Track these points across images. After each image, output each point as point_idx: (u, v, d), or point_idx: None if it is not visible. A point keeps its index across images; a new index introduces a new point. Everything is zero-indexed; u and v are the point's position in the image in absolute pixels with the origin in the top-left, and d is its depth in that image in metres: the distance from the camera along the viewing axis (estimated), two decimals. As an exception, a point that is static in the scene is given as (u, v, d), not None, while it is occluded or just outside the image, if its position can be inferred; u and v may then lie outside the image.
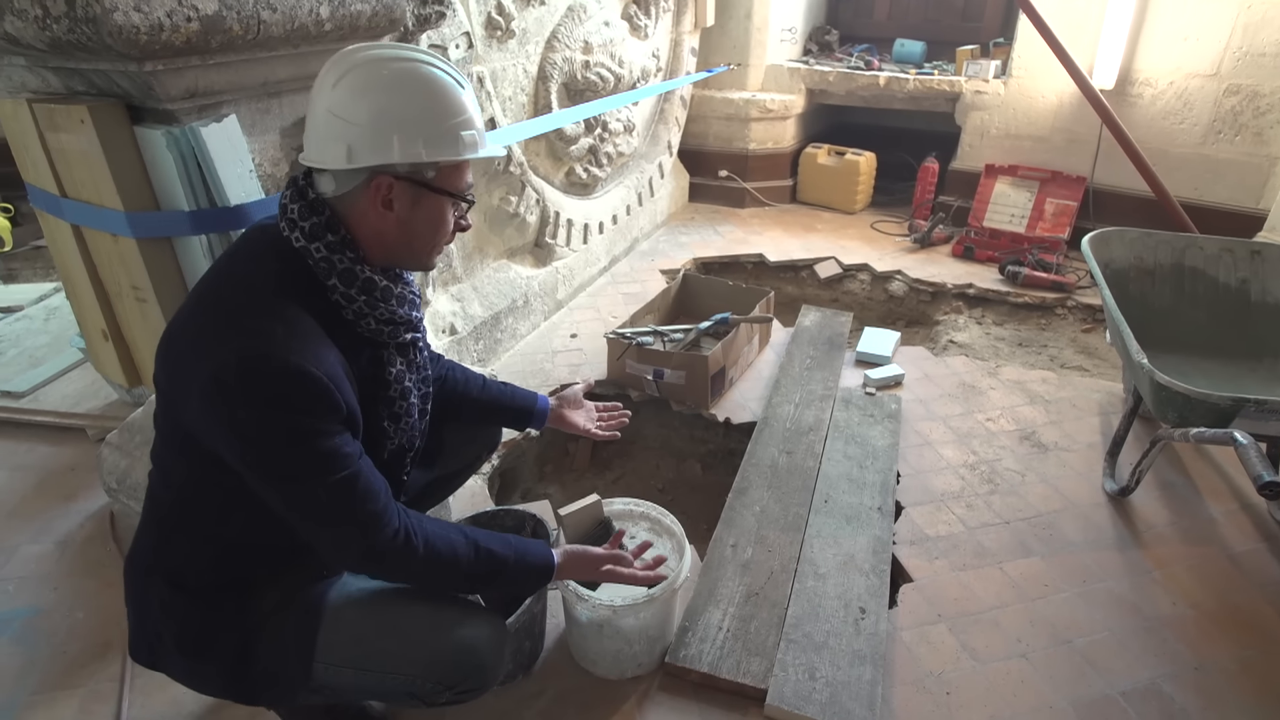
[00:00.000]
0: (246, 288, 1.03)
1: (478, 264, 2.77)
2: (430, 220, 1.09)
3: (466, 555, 1.13)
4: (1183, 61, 3.49)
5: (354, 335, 1.10)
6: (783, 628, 1.70)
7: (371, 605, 1.18)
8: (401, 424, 1.20)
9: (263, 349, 0.95)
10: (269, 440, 0.98)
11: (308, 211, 1.04)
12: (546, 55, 2.80)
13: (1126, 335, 2.02)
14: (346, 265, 1.05)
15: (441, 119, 1.04)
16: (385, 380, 1.15)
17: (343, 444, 1.02)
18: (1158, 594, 1.89)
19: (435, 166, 1.06)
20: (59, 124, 1.35)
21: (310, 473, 1.00)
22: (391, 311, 1.11)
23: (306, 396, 0.97)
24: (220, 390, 0.95)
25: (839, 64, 4.38)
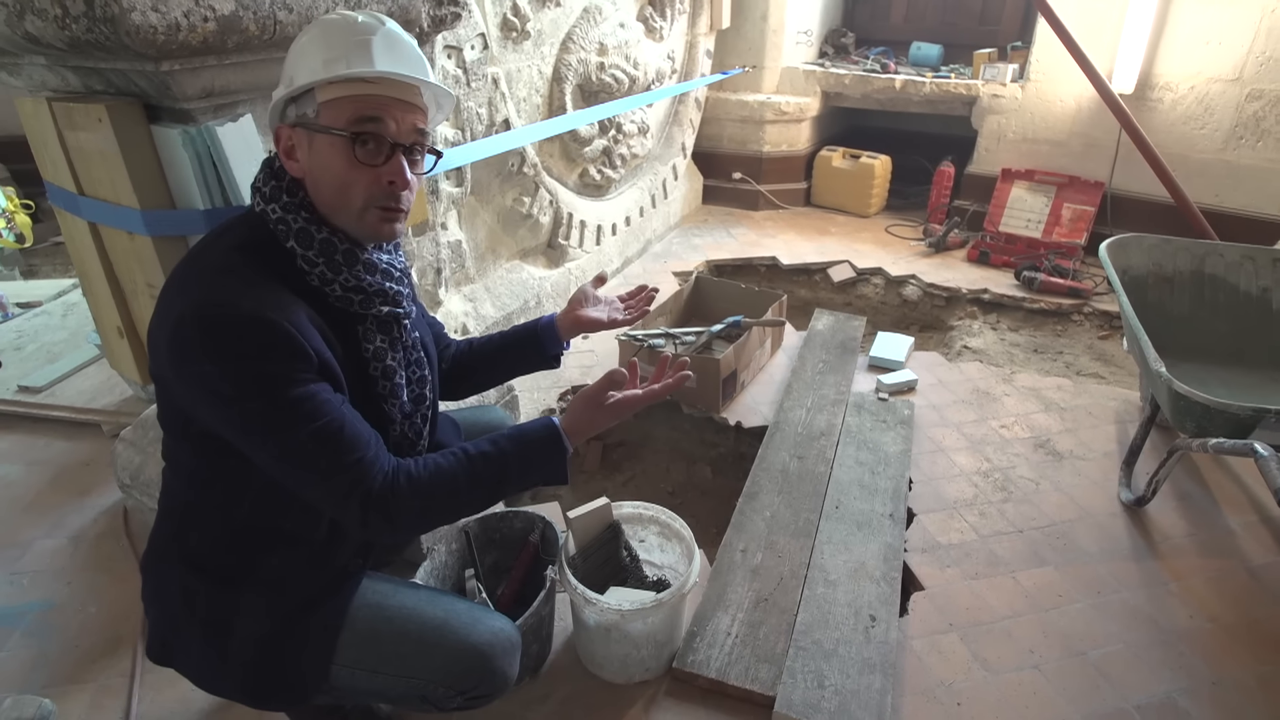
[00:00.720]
0: (210, 250, 1.03)
1: (490, 264, 2.77)
2: (330, 162, 1.00)
3: (463, 470, 1.07)
4: (1204, 66, 3.45)
5: (328, 307, 1.05)
6: (792, 634, 1.68)
7: (388, 609, 1.18)
8: (389, 405, 1.15)
9: (218, 298, 0.94)
10: (241, 392, 0.94)
11: (269, 177, 1.04)
12: (562, 56, 2.80)
13: (1144, 343, 2.00)
14: (302, 225, 1.02)
15: (315, 49, 0.99)
16: (364, 357, 1.10)
17: (318, 391, 0.98)
18: (1174, 606, 1.86)
19: (313, 102, 0.99)
20: (77, 122, 1.36)
21: (289, 422, 0.96)
22: (358, 278, 1.06)
23: (268, 343, 0.94)
24: (184, 345, 0.94)
25: (855, 66, 4.36)
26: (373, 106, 0.99)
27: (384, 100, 1.00)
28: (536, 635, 1.52)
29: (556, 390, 2.65)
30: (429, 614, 1.18)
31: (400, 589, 1.23)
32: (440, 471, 1.06)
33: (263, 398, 0.95)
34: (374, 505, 1.00)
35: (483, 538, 1.66)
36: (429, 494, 1.04)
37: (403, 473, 1.03)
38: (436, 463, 1.07)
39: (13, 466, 2.24)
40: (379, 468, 1.02)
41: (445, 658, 1.15)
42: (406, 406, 1.19)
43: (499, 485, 1.10)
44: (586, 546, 1.58)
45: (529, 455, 1.11)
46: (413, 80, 1.01)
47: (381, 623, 1.16)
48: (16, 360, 2.69)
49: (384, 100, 1.00)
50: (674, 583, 1.63)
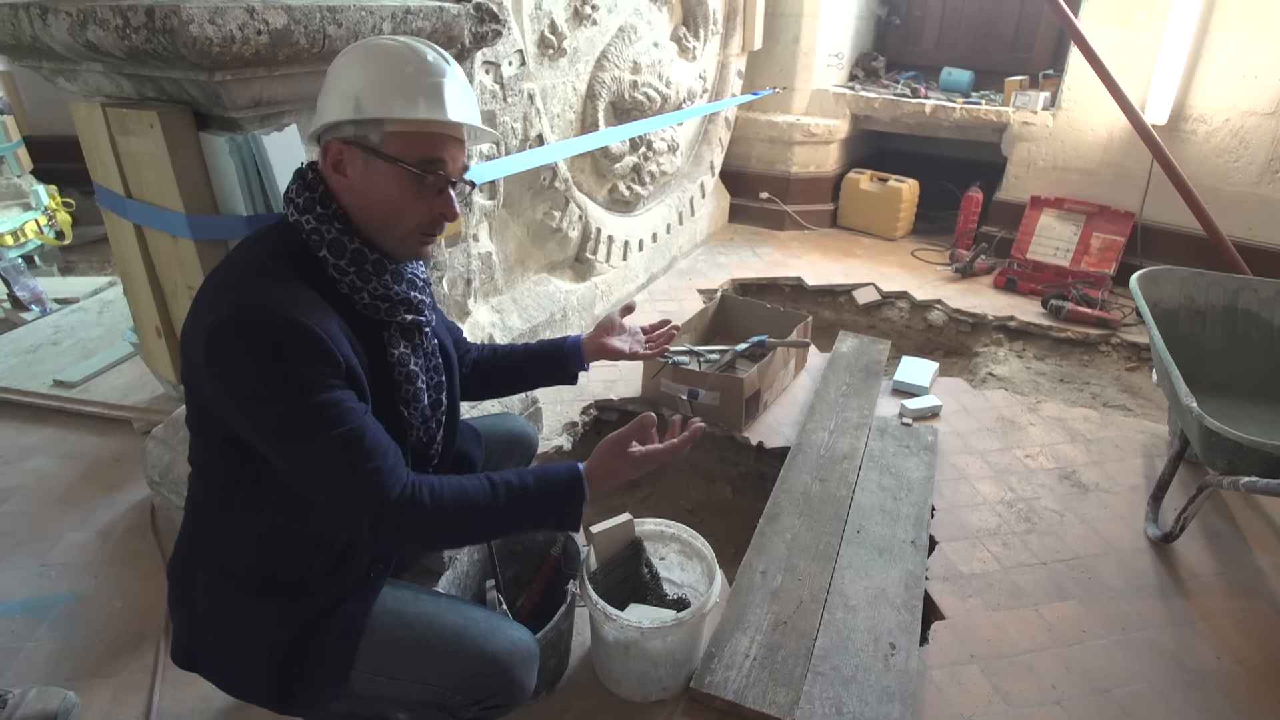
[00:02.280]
0: (245, 258, 1.07)
1: (519, 276, 2.80)
2: (385, 188, 1.05)
3: (484, 496, 1.06)
4: (1240, 99, 3.42)
5: (355, 314, 1.09)
6: (810, 659, 1.67)
7: (408, 616, 1.18)
8: (410, 410, 1.18)
9: (254, 301, 0.97)
10: (270, 393, 0.96)
11: (303, 188, 1.07)
12: (596, 74, 2.84)
13: (1175, 377, 1.97)
14: (335, 235, 1.06)
15: (385, 79, 1.02)
16: (389, 362, 1.14)
17: (343, 398, 1.00)
18: (1201, 647, 1.83)
19: (379, 129, 1.03)
20: (129, 128, 1.40)
21: (310, 428, 0.97)
22: (386, 286, 1.10)
23: (300, 347, 0.97)
24: (217, 346, 0.96)
25: (885, 90, 4.38)
26: (438, 148, 1.06)
27: (447, 142, 1.07)
28: (555, 649, 1.52)
29: (579, 404, 2.66)
30: (448, 622, 1.18)
31: (420, 596, 1.24)
32: (463, 493, 1.06)
33: (290, 400, 0.97)
34: (388, 514, 1.01)
35: (504, 549, 1.67)
36: (447, 512, 1.05)
37: (425, 486, 1.04)
38: (460, 484, 1.07)
39: (46, 459, 2.29)
40: (396, 478, 1.03)
41: (463, 666, 1.15)
42: (426, 411, 1.22)
43: (514, 519, 1.11)
44: (608, 562, 1.58)
45: (549, 495, 1.11)
46: (479, 129, 1.10)
47: (401, 630, 1.17)
48: (53, 355, 2.75)
49: (447, 142, 1.07)
50: (694, 602, 1.63)
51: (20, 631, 1.71)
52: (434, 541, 1.14)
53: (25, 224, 3.69)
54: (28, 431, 2.42)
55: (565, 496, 1.11)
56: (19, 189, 3.83)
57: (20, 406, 2.51)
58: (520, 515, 1.10)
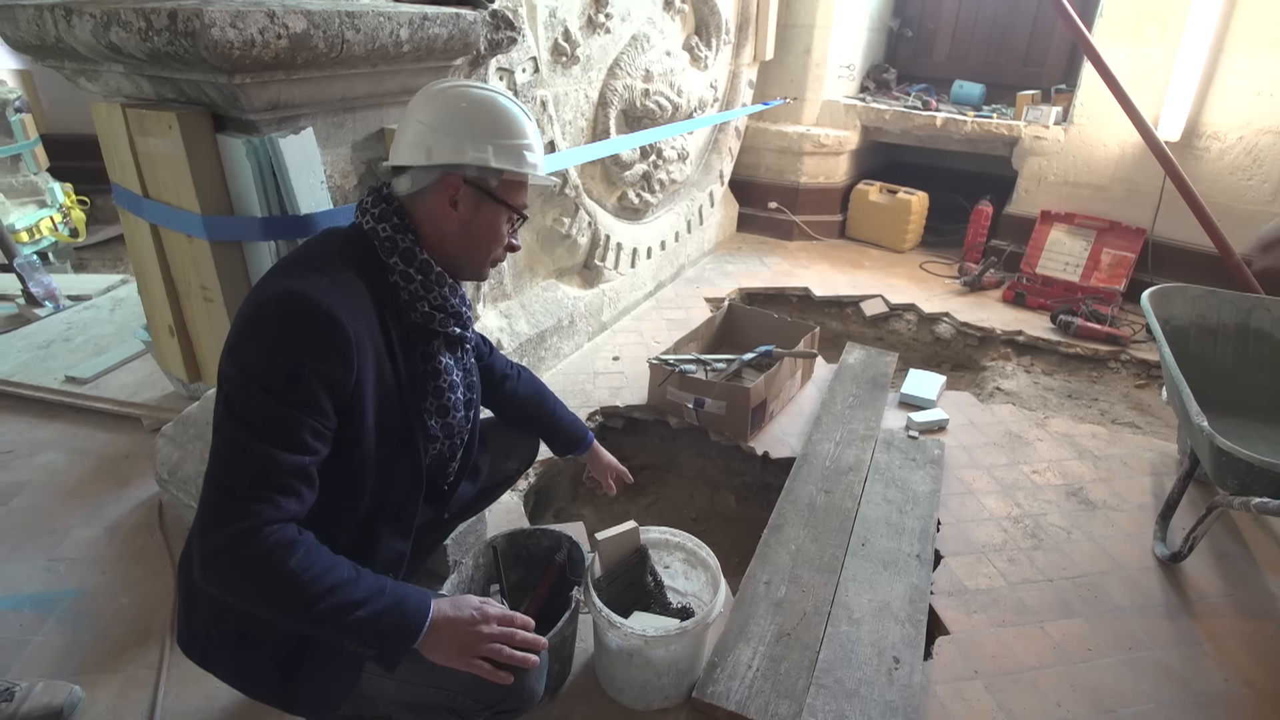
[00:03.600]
0: (307, 256, 1.14)
1: (527, 282, 2.81)
2: (487, 226, 1.20)
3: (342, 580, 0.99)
4: (1254, 116, 3.41)
5: (405, 322, 1.17)
6: (813, 671, 1.67)
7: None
8: (449, 418, 1.25)
9: (302, 288, 1.03)
10: (258, 372, 0.99)
11: (380, 201, 1.18)
12: (608, 82, 2.85)
13: (1186, 396, 1.96)
14: (408, 245, 1.16)
15: (508, 136, 1.18)
16: (435, 369, 1.22)
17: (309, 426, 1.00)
18: (1209, 668, 1.81)
19: (498, 176, 1.18)
20: (148, 128, 1.42)
21: (260, 426, 0.97)
22: (444, 299, 1.20)
23: (324, 340, 1.02)
24: (251, 318, 1.02)
25: (896, 103, 4.38)
26: (528, 195, 1.26)
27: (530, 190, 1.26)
28: (558, 655, 1.52)
29: (585, 410, 2.66)
30: None
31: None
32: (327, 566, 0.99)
33: (272, 392, 0.99)
34: (244, 544, 0.95)
35: (509, 554, 1.67)
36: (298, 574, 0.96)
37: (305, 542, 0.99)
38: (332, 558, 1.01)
39: (57, 454, 2.31)
40: (281, 521, 0.97)
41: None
42: (461, 421, 1.29)
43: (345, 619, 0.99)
44: (612, 569, 1.58)
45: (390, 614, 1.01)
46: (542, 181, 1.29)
47: None
48: (65, 351, 2.77)
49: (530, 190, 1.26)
50: (698, 611, 1.63)
51: (28, 625, 1.72)
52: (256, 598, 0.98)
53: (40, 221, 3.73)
54: (39, 426, 2.44)
55: (403, 623, 1.02)
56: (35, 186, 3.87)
57: (32, 401, 2.53)
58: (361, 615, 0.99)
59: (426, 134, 1.15)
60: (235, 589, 0.98)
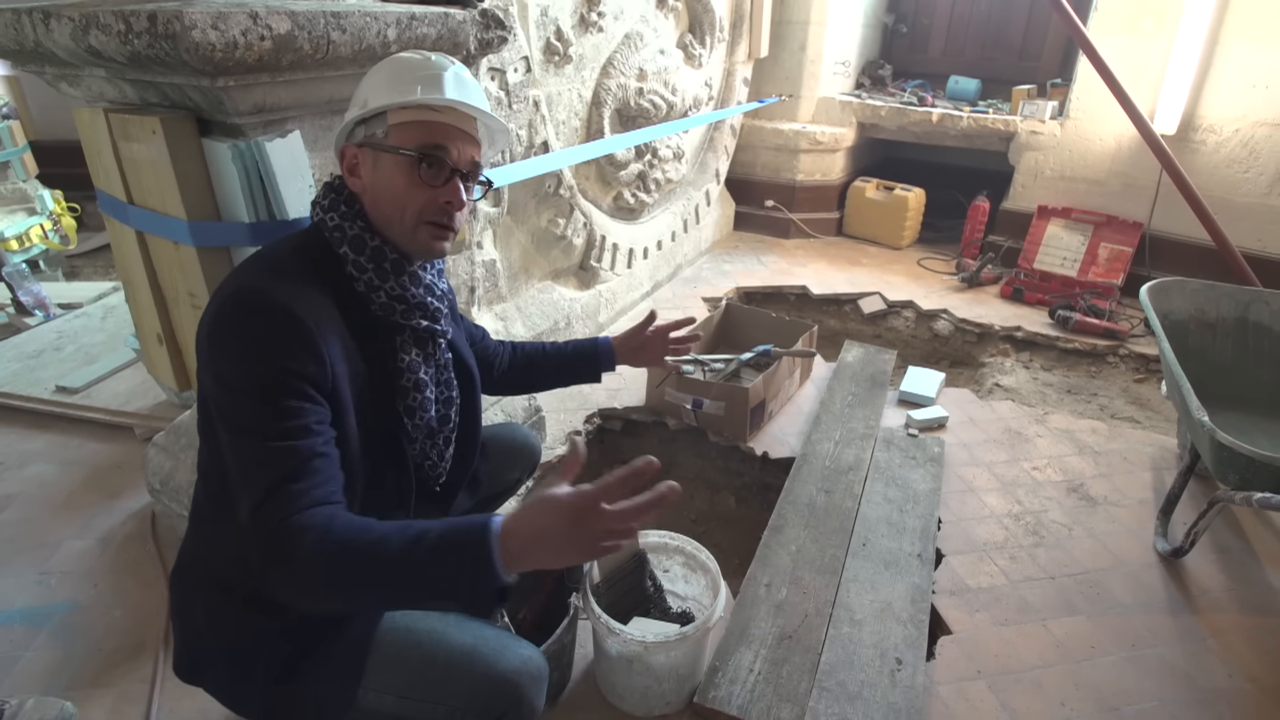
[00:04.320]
0: (265, 252, 1.10)
1: (523, 284, 2.78)
2: (388, 182, 1.07)
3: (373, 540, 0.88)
4: (1250, 109, 3.40)
5: (369, 316, 1.10)
6: (816, 674, 1.65)
7: (417, 633, 1.17)
8: (416, 419, 1.16)
9: (255, 285, 0.99)
10: (239, 377, 0.95)
11: (328, 191, 1.12)
12: (602, 81, 2.83)
13: (1186, 391, 1.95)
14: (356, 232, 1.09)
15: (389, 79, 1.08)
16: (397, 368, 1.13)
17: (310, 411, 0.96)
18: (1213, 664, 1.80)
19: (383, 124, 1.07)
20: (132, 134, 1.40)
21: (256, 425, 0.94)
22: (403, 287, 1.11)
23: (289, 338, 0.97)
24: (211, 325, 0.98)
25: (891, 99, 4.36)
26: (438, 134, 1.07)
27: (448, 129, 1.08)
28: (558, 663, 1.50)
29: (583, 412, 2.64)
30: (457, 639, 1.16)
31: (428, 613, 1.22)
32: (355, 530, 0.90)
33: (255, 390, 0.95)
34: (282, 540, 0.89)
35: (506, 560, 1.65)
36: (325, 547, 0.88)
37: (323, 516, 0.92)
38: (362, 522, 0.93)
39: (47, 465, 2.28)
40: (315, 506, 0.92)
41: (473, 684, 1.13)
42: (432, 423, 1.20)
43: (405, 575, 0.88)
44: (611, 575, 1.56)
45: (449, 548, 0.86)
46: (474, 111, 1.10)
47: (409, 647, 1.15)
48: (55, 360, 2.74)
49: (448, 129, 1.08)
50: (698, 615, 1.61)
51: (19, 640, 1.69)
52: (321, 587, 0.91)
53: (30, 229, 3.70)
54: (29, 437, 2.41)
55: (461, 555, 0.85)
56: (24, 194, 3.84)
57: (22, 412, 2.50)
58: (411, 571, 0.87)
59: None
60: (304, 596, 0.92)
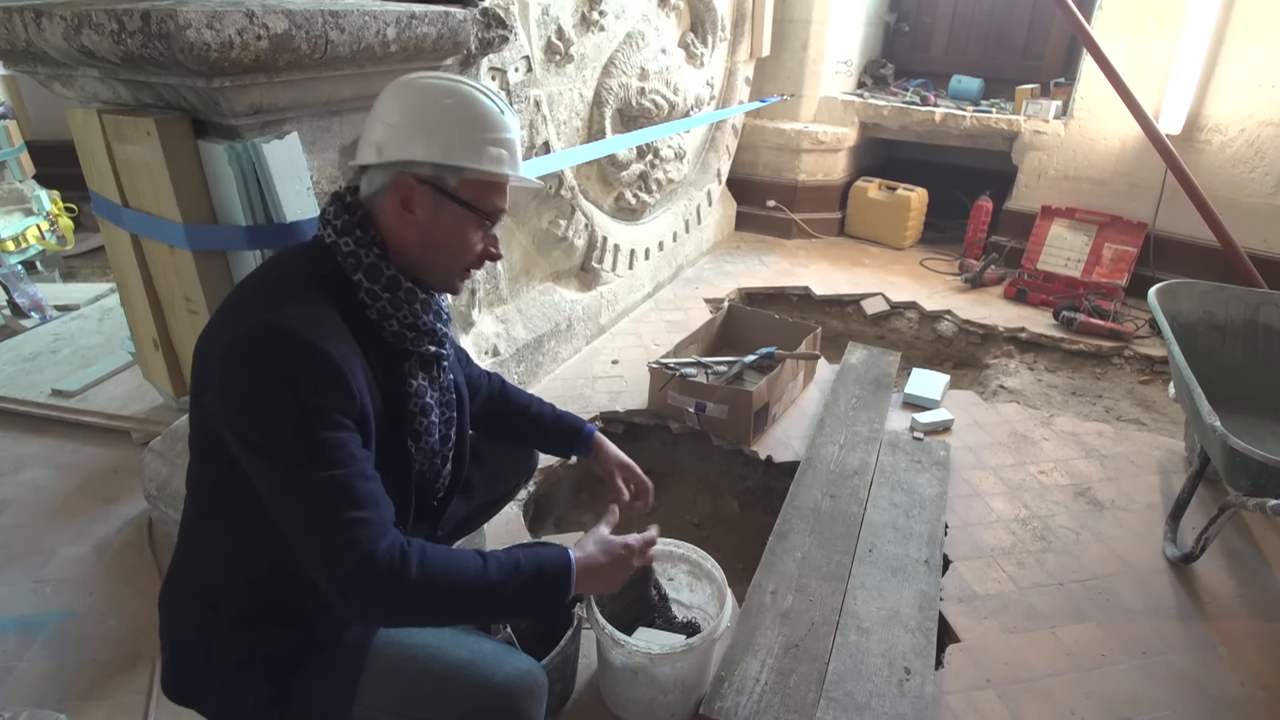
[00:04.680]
0: (273, 276, 1.06)
1: (523, 286, 2.76)
2: (449, 232, 1.09)
3: (474, 569, 1.01)
4: (1256, 108, 3.37)
5: (377, 341, 1.08)
6: (823, 684, 1.62)
7: (411, 647, 1.14)
8: (422, 443, 1.16)
9: (281, 321, 0.95)
10: (272, 417, 0.94)
11: (341, 210, 1.07)
12: (603, 81, 2.80)
13: (1197, 395, 1.92)
14: (372, 260, 1.06)
15: (470, 130, 1.06)
16: (405, 393, 1.12)
17: (349, 441, 0.97)
18: (1224, 672, 1.78)
19: (459, 175, 1.06)
20: (126, 135, 1.37)
21: (307, 461, 0.94)
22: (415, 315, 1.10)
23: (319, 375, 0.95)
24: (234, 360, 0.95)
25: (894, 98, 4.33)
26: (503, 198, 1.13)
27: (506, 191, 1.14)
28: (561, 674, 1.47)
29: (585, 415, 2.60)
30: (453, 653, 1.14)
31: (424, 628, 1.19)
32: (452, 563, 1.01)
33: (292, 427, 0.94)
34: (369, 575, 0.94)
35: (508, 568, 1.62)
36: (434, 582, 0.98)
37: (415, 550, 0.99)
38: (450, 554, 1.03)
39: (43, 470, 2.25)
40: (384, 534, 0.97)
41: (470, 699, 1.10)
42: (435, 445, 1.20)
43: (500, 601, 1.05)
44: (615, 585, 1.53)
45: (537, 579, 1.07)
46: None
47: (404, 662, 1.12)
48: (51, 363, 2.71)
49: (506, 191, 1.14)
50: (704, 624, 1.58)
51: (12, 650, 1.66)
52: (410, 614, 1.03)
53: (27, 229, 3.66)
54: (24, 442, 2.38)
55: (551, 584, 1.08)
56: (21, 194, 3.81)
57: (17, 416, 2.47)
58: (507, 598, 1.04)
59: (380, 129, 1.06)
60: (388, 618, 1.03)
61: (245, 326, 0.96)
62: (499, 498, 1.62)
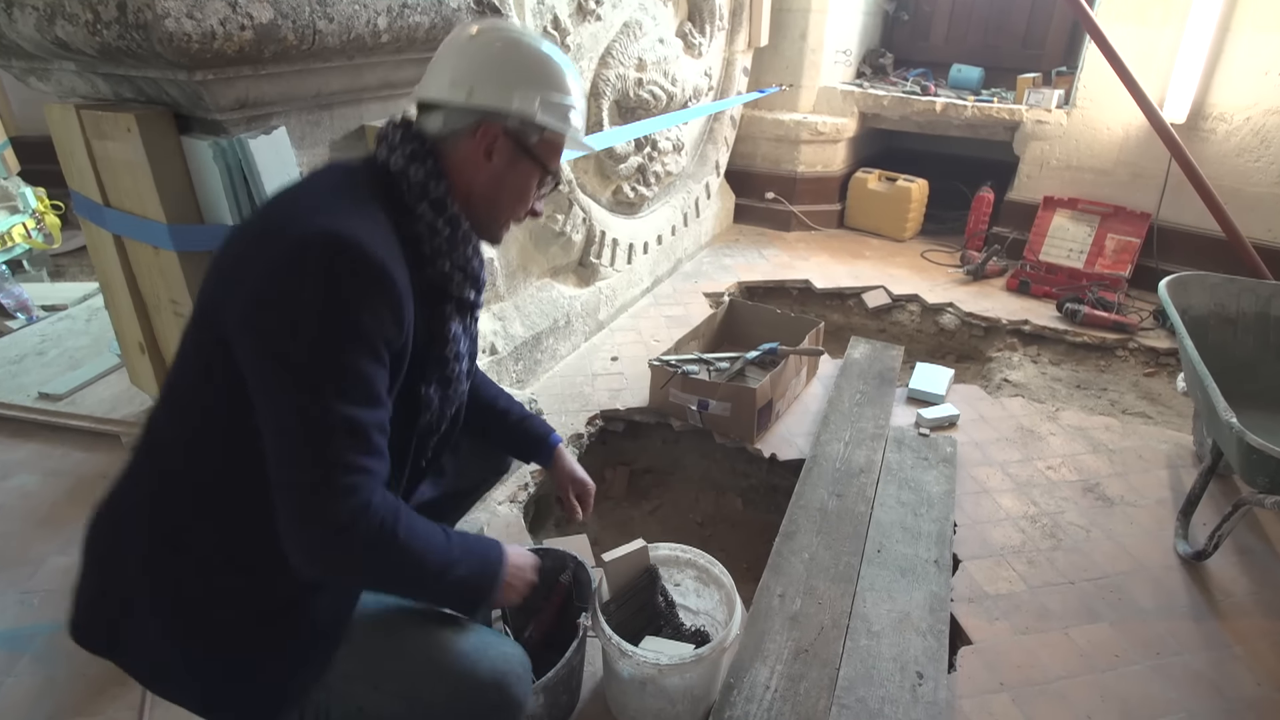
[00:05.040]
0: (341, 185, 1.01)
1: (521, 282, 2.70)
2: (519, 183, 1.10)
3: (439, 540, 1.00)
4: (1261, 97, 3.33)
5: (422, 279, 1.02)
6: (835, 691, 1.58)
7: (397, 620, 1.09)
8: (449, 390, 1.12)
9: (350, 234, 0.90)
10: (315, 330, 0.87)
11: (410, 139, 1.04)
12: (600, 71, 2.74)
13: (1212, 391, 1.88)
14: (440, 195, 1.03)
15: (561, 92, 1.08)
16: (443, 335, 1.08)
17: (380, 379, 0.93)
18: (1240, 673, 1.74)
19: (540, 133, 1.08)
20: (105, 131, 1.31)
21: (336, 390, 0.88)
22: (466, 259, 1.08)
23: (379, 298, 0.90)
24: (291, 263, 0.88)
25: (893, 88, 4.28)
26: (558, 160, 1.16)
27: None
28: (566, 686, 1.43)
29: (585, 414, 2.57)
30: (442, 633, 1.09)
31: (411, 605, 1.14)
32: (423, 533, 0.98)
33: (337, 350, 0.88)
34: (359, 525, 0.89)
35: (510, 576, 1.57)
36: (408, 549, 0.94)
37: (404, 511, 0.96)
38: (427, 522, 1.00)
39: (30, 476, 2.19)
40: (379, 487, 0.93)
41: (459, 683, 1.05)
42: (456, 394, 1.16)
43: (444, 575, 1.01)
44: (621, 591, 1.49)
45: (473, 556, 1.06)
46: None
47: (388, 633, 1.07)
48: (38, 365, 2.65)
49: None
50: (712, 630, 1.54)
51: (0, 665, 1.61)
52: (378, 577, 0.99)
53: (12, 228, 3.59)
54: (11, 447, 2.33)
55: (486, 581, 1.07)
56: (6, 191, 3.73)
57: (4, 420, 2.41)
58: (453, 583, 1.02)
59: (471, 72, 1.04)
60: (343, 574, 0.97)
61: (308, 230, 0.89)
62: (469, 489, 1.55)
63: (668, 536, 2.44)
